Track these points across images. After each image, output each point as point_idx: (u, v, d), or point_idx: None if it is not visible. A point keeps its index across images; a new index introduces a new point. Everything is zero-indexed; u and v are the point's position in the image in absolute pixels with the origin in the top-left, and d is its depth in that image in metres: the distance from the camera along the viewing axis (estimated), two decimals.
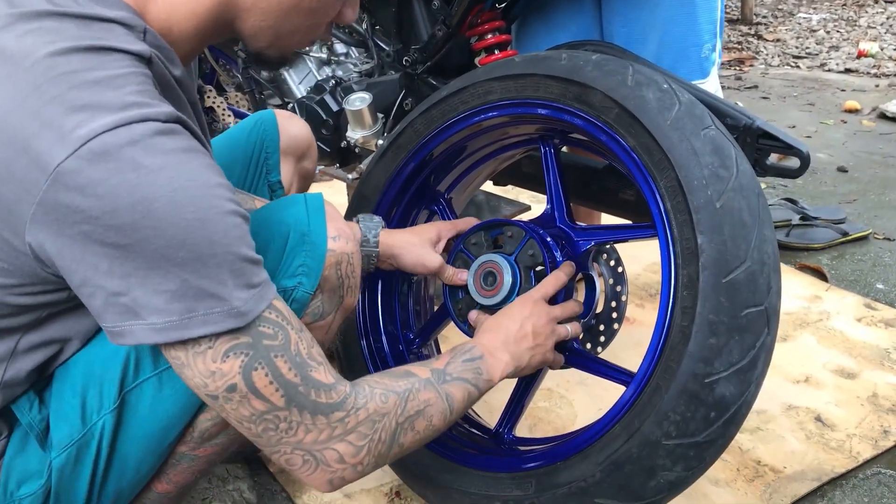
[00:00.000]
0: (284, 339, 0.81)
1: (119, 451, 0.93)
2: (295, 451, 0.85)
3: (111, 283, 0.74)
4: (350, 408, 0.86)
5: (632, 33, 1.61)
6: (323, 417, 0.84)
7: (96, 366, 0.92)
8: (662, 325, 1.03)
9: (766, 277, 1.01)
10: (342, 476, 0.89)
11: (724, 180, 1.03)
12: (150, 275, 0.74)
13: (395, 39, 1.66)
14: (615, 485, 1.02)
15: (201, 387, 0.80)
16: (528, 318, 1.11)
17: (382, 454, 0.91)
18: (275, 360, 0.81)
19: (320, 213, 0.97)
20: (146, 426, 0.93)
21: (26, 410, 0.91)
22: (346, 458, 0.87)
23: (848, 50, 5.11)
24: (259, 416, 0.82)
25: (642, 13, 1.60)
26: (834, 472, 1.38)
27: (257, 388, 0.80)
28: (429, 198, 1.38)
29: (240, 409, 0.81)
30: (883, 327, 1.86)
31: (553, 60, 1.18)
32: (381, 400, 0.90)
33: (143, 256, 0.73)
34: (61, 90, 0.72)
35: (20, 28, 0.75)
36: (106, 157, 0.71)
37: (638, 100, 1.09)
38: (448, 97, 1.28)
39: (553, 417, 1.55)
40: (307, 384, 0.83)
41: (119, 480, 0.94)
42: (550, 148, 1.26)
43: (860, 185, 2.84)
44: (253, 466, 1.42)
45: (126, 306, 0.75)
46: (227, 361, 0.79)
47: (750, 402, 1.03)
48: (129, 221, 0.72)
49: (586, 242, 1.21)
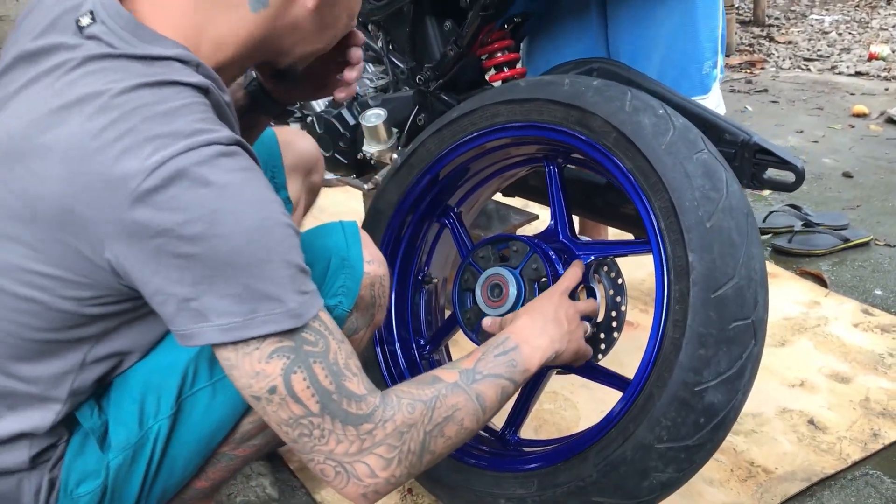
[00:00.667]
0: (325, 347, 0.88)
1: (170, 453, 1.02)
2: (327, 461, 0.90)
3: (182, 290, 0.83)
4: (378, 420, 0.90)
5: (636, 51, 1.68)
6: (353, 428, 0.88)
7: (155, 376, 1.01)
8: (656, 336, 1.11)
9: (752, 292, 1.09)
10: (375, 490, 0.91)
11: (714, 202, 1.10)
12: (217, 280, 0.82)
13: (410, 57, 1.74)
14: (611, 485, 1.10)
15: (246, 388, 0.87)
16: (560, 307, 1.16)
17: (414, 464, 0.94)
18: (313, 365, 0.87)
19: (357, 240, 1.06)
20: (197, 430, 1.02)
21: (88, 416, 1.00)
22: (377, 471, 0.90)
23: (859, 52, 5.14)
24: (296, 421, 0.87)
25: (646, 31, 1.67)
26: (823, 472, 1.45)
27: (295, 392, 0.86)
28: (440, 212, 1.46)
29: (279, 411, 0.87)
30: (879, 333, 1.93)
31: (556, 86, 1.26)
32: (408, 411, 0.93)
33: (210, 264, 0.82)
34: (136, 122, 0.81)
35: (90, 68, 0.84)
36: (179, 177, 0.80)
37: (635, 125, 1.16)
38: (458, 119, 1.36)
39: (557, 419, 1.63)
40: (340, 393, 0.88)
41: (168, 479, 1.04)
42: (554, 167, 1.34)
43: (864, 191, 2.90)
44: (274, 463, 1.51)
45: (196, 311, 0.84)
46: (271, 363, 0.86)
47: (738, 408, 1.10)
48: (198, 232, 0.81)
49: (587, 256, 1.29)
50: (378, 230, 1.44)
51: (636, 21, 1.66)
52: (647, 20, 1.65)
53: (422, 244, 1.48)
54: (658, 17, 1.64)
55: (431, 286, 1.51)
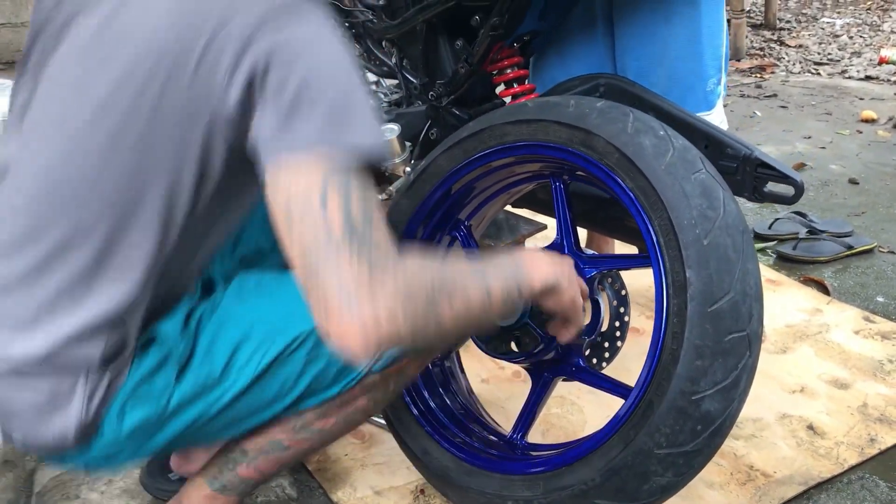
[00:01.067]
0: (369, 189, 0.93)
1: (233, 406, 1.06)
2: (336, 291, 0.87)
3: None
4: (392, 268, 0.90)
5: (642, 68, 1.73)
6: (367, 264, 0.88)
7: (260, 327, 1.05)
8: (655, 348, 1.17)
9: (748, 307, 1.15)
10: (377, 336, 0.88)
11: (712, 220, 1.16)
12: (320, 90, 0.93)
13: (422, 73, 1.80)
14: (613, 488, 1.16)
15: (284, 201, 0.91)
16: (562, 261, 1.19)
17: (419, 326, 0.92)
18: (351, 193, 0.90)
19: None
20: (268, 395, 1.07)
21: (176, 336, 1.04)
22: (382, 318, 0.88)
23: (870, 56, 5.17)
24: (317, 235, 0.88)
25: (652, 49, 1.72)
26: (820, 477, 1.51)
27: (328, 205, 0.89)
28: (451, 225, 1.52)
29: (305, 220, 0.89)
30: (879, 339, 1.98)
31: (562, 107, 1.32)
32: (420, 267, 0.95)
33: (315, 81, 0.93)
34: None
35: None
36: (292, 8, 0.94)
37: (636, 146, 1.22)
38: (468, 137, 1.42)
39: (565, 423, 1.69)
40: (366, 227, 0.89)
41: (210, 430, 1.08)
42: (560, 184, 1.40)
43: (870, 198, 2.94)
44: (293, 465, 1.58)
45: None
46: (314, 174, 0.90)
47: (733, 416, 1.16)
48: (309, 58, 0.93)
49: (591, 270, 1.35)
50: None
51: (642, 38, 1.72)
52: (653, 38, 1.71)
53: None
54: (663, 35, 1.69)
55: None
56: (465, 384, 1.55)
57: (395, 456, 1.56)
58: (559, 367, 1.37)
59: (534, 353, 1.32)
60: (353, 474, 1.55)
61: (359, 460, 1.59)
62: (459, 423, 1.44)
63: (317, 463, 1.58)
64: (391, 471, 1.56)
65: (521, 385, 1.81)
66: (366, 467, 1.57)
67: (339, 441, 1.64)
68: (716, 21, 1.72)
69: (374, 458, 1.60)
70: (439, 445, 1.38)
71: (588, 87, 1.64)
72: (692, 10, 1.67)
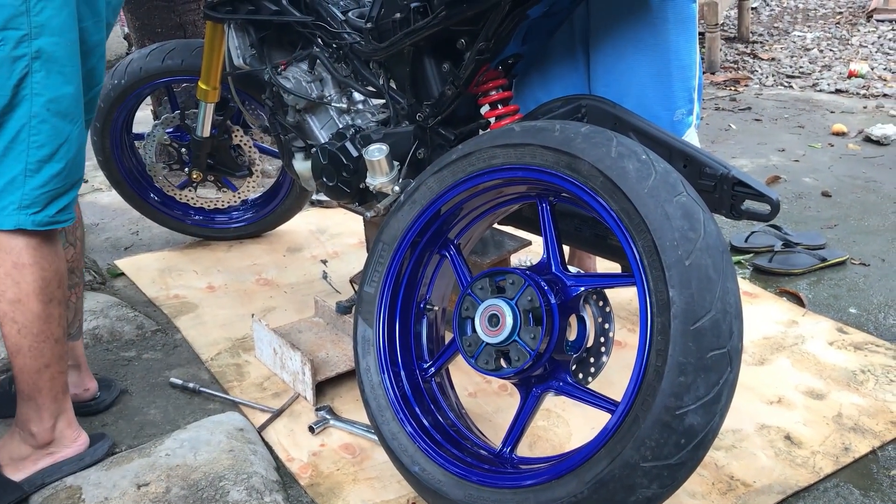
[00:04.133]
0: None
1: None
2: None
3: None
4: None
5: (610, 94, 1.77)
6: None
7: None
8: (640, 365, 1.21)
9: (728, 324, 1.20)
10: None
11: (693, 241, 1.21)
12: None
13: (409, 95, 1.84)
14: (600, 500, 1.21)
15: None
16: None
17: None
18: None
19: None
20: None
21: None
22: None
23: (839, 70, 5.29)
24: None
25: (621, 77, 1.76)
26: (798, 485, 1.56)
27: None
28: (440, 244, 1.57)
29: None
30: (852, 350, 2.04)
31: (548, 132, 1.37)
32: None
33: None
34: None
35: None
36: None
37: (619, 170, 1.27)
38: (457, 160, 1.46)
39: (551, 436, 1.74)
40: None
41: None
42: (546, 205, 1.45)
43: (842, 210, 3.03)
44: (287, 481, 1.61)
45: None
46: None
47: (715, 429, 1.21)
48: None
49: (577, 288, 1.39)
50: (383, 262, 1.54)
51: (612, 65, 1.76)
52: (623, 66, 1.75)
53: (423, 275, 1.58)
54: (632, 64, 1.73)
55: (432, 314, 1.61)
56: (454, 400, 1.59)
57: (386, 470, 1.60)
58: (547, 383, 1.41)
59: (523, 369, 1.36)
60: (346, 489, 1.59)
61: (351, 474, 1.63)
62: (450, 438, 1.48)
63: (309, 478, 1.62)
64: (383, 485, 1.59)
65: (507, 398, 1.85)
66: (358, 482, 1.61)
67: (331, 455, 1.68)
68: (687, 52, 1.75)
69: (366, 472, 1.63)
70: (431, 460, 1.42)
71: (570, 108, 1.69)
72: (661, 41, 1.71)
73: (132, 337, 2.19)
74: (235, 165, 2.60)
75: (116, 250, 2.81)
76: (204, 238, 2.81)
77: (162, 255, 2.73)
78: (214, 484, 1.53)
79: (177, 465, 1.59)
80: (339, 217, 2.99)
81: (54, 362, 1.53)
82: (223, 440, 1.66)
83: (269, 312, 2.32)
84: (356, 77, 2.00)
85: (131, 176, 2.67)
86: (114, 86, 2.45)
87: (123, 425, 1.82)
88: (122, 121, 2.56)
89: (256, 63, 2.14)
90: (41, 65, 1.41)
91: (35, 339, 1.49)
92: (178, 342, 2.18)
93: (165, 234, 2.87)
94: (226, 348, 2.13)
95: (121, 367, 2.06)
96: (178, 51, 2.43)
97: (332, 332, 2.10)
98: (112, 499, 1.51)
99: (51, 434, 1.57)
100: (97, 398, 1.86)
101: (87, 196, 3.30)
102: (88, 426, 1.75)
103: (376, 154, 1.80)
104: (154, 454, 1.63)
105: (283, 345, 1.93)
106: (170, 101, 2.60)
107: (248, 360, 2.07)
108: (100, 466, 1.61)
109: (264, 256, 2.70)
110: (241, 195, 2.67)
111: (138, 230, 2.96)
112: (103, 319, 2.23)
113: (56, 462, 1.59)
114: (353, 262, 2.61)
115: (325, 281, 2.50)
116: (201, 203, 2.69)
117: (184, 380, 1.97)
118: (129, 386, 1.97)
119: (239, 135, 2.55)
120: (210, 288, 2.48)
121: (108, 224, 3.05)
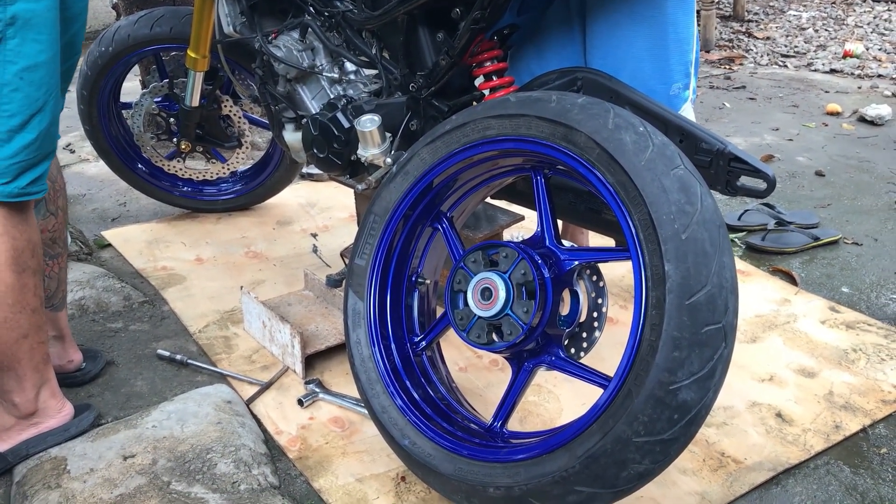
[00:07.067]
0: None
1: None
2: None
3: None
4: None
5: (607, 66, 1.74)
6: None
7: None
8: (634, 339, 1.20)
9: (724, 299, 1.18)
10: None
11: (689, 215, 1.19)
12: None
13: (403, 65, 1.81)
14: (592, 475, 1.19)
15: None
16: None
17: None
18: None
19: None
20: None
21: None
22: None
23: (834, 49, 5.26)
24: None
25: (617, 49, 1.73)
26: (788, 462, 1.56)
27: None
28: (433, 217, 1.54)
29: None
30: (844, 329, 2.04)
31: (544, 102, 1.34)
32: None
33: None
34: None
35: None
36: None
37: (616, 142, 1.25)
38: (451, 130, 1.44)
39: (541, 411, 1.73)
40: None
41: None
42: (541, 177, 1.42)
43: (835, 190, 3.02)
44: (275, 454, 1.60)
45: None
46: None
47: (709, 405, 1.20)
48: None
49: (571, 262, 1.38)
50: (375, 234, 1.52)
51: (609, 38, 1.74)
52: (619, 38, 1.72)
53: (415, 248, 1.56)
54: (629, 36, 1.70)
55: (424, 287, 1.59)
56: (445, 374, 1.57)
57: (376, 444, 1.59)
58: (539, 357, 1.40)
59: (515, 343, 1.34)
60: (335, 462, 1.57)
61: (340, 448, 1.61)
62: (441, 412, 1.47)
63: (298, 451, 1.60)
64: (372, 458, 1.58)
65: (498, 374, 1.84)
66: (347, 455, 1.59)
67: (320, 429, 1.66)
68: (684, 26, 1.72)
69: (355, 445, 1.62)
70: (421, 434, 1.40)
71: (566, 80, 1.66)
72: (659, 14, 1.69)
73: (119, 308, 2.17)
74: (225, 136, 2.57)
75: (103, 221, 2.78)
76: (192, 210, 2.77)
77: (150, 226, 2.70)
78: (202, 456, 1.52)
79: (164, 437, 1.57)
80: (330, 191, 2.96)
81: (32, 332, 1.51)
82: (211, 412, 1.65)
83: (258, 285, 2.29)
84: (348, 46, 1.96)
85: (119, 146, 2.63)
86: (101, 53, 2.40)
87: (109, 397, 1.80)
88: (109, 89, 2.51)
89: (247, 31, 2.10)
90: (15, 31, 1.37)
91: (10, 309, 1.47)
92: (166, 314, 2.16)
93: (153, 205, 2.83)
94: (214, 321, 2.11)
95: (107, 338, 2.04)
96: (167, 18, 2.38)
97: (322, 306, 2.08)
98: (97, 470, 1.49)
99: (34, 404, 1.55)
100: (82, 369, 1.84)
101: (74, 166, 3.25)
102: (74, 397, 1.73)
103: (368, 125, 1.77)
104: (140, 426, 1.61)
105: (272, 317, 1.91)
106: (158, 70, 2.55)
107: (237, 332, 2.05)
108: (85, 438, 1.59)
109: (254, 229, 2.67)
110: (230, 167, 2.64)
111: (126, 201, 2.93)
112: (89, 290, 2.20)
113: (41, 433, 1.57)
114: (343, 236, 2.58)
115: (314, 255, 2.48)
116: (190, 174, 2.65)
117: (171, 352, 1.94)
118: (116, 357, 1.95)
119: (228, 105, 2.51)
120: (198, 260, 2.46)
121: (96, 195, 3.01)
